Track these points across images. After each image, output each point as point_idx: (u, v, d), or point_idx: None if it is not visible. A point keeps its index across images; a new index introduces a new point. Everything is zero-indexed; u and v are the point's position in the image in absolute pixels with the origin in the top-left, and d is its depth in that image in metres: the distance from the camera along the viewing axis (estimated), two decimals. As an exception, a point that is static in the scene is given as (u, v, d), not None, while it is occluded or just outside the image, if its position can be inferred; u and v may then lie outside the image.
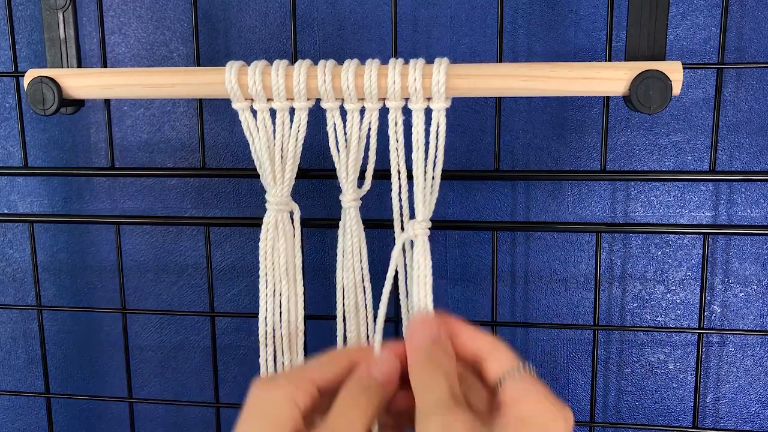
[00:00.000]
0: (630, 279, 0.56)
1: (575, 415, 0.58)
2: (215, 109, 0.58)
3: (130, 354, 0.55)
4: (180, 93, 0.42)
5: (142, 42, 0.58)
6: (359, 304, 0.42)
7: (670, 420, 0.58)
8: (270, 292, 0.42)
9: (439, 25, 0.54)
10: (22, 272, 0.63)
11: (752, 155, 0.53)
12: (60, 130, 0.60)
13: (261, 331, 0.42)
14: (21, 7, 0.58)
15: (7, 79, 0.60)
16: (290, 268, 0.42)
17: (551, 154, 0.55)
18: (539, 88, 0.39)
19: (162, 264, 0.61)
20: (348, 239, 0.41)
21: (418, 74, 0.37)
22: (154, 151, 0.59)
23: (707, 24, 0.52)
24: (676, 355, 0.57)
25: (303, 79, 0.38)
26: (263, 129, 0.40)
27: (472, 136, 0.55)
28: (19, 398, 0.65)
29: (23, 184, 0.61)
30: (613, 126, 0.54)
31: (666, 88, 0.39)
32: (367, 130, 0.40)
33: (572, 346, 0.58)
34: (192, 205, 0.60)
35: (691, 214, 0.54)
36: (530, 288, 0.57)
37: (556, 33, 0.53)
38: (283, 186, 0.41)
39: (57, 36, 0.46)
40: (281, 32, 0.56)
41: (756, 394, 0.57)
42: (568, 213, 0.56)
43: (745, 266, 0.55)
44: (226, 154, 0.58)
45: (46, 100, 0.43)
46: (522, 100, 0.54)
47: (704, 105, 0.53)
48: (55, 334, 0.64)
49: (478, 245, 0.57)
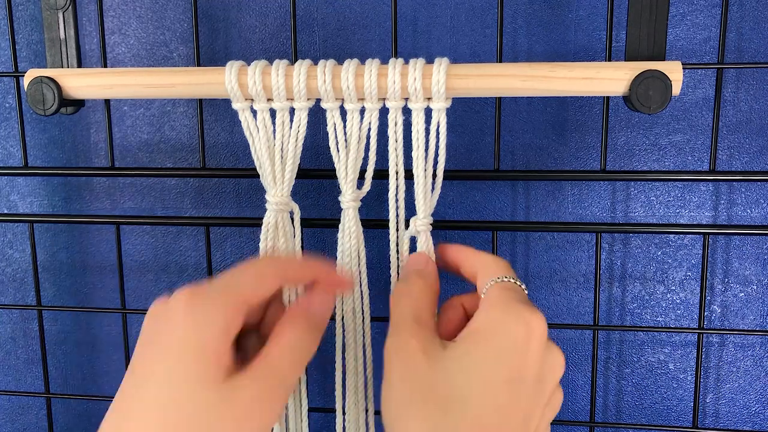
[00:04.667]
0: (630, 279, 0.56)
1: (575, 416, 0.58)
2: (215, 109, 0.58)
3: (130, 354, 0.55)
4: (180, 93, 0.42)
5: (142, 42, 0.58)
6: (356, 304, 0.42)
7: (670, 420, 0.58)
8: (270, 292, 0.42)
9: (439, 25, 0.54)
10: (22, 272, 0.63)
11: (752, 155, 0.53)
12: (60, 130, 0.60)
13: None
14: (21, 7, 0.58)
15: (7, 79, 0.60)
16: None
17: (551, 154, 0.55)
18: (539, 88, 0.39)
19: (162, 264, 0.61)
20: (347, 240, 0.41)
21: (418, 74, 0.37)
22: (154, 151, 0.59)
23: (707, 24, 0.52)
24: (676, 355, 0.57)
25: (303, 79, 0.38)
26: (263, 129, 0.40)
27: (472, 136, 0.55)
28: (19, 398, 0.65)
29: (23, 184, 0.61)
30: (613, 126, 0.54)
31: (666, 88, 0.39)
32: (367, 130, 0.40)
33: (572, 346, 0.58)
34: (192, 205, 0.60)
35: (691, 214, 0.54)
36: (530, 288, 0.57)
37: (556, 33, 0.53)
38: (283, 186, 0.41)
39: (57, 36, 0.46)
40: (281, 32, 0.56)
41: (756, 394, 0.57)
42: (568, 213, 0.56)
43: (745, 266, 0.55)
44: (226, 154, 0.58)
45: (46, 100, 0.43)
46: (522, 100, 0.54)
47: (704, 105, 0.53)
48: (55, 334, 0.64)
49: (478, 245, 0.57)
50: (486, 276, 0.34)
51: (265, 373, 0.30)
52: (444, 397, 0.29)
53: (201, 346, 0.29)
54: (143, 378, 0.29)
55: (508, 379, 0.30)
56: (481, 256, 0.37)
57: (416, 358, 0.31)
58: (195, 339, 0.29)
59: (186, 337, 0.29)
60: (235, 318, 0.30)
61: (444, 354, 0.31)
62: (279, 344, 0.32)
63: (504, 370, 0.30)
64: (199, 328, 0.29)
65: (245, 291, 0.31)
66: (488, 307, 0.32)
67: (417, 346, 0.31)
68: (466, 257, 0.37)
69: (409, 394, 0.30)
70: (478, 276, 0.35)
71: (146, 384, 0.29)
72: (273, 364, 0.31)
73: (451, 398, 0.29)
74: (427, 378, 0.30)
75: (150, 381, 0.29)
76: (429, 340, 0.31)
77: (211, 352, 0.29)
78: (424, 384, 0.30)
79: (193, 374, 0.28)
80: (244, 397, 0.29)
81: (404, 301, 0.34)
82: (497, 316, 0.31)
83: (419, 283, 0.35)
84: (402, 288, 0.35)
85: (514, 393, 0.30)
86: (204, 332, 0.29)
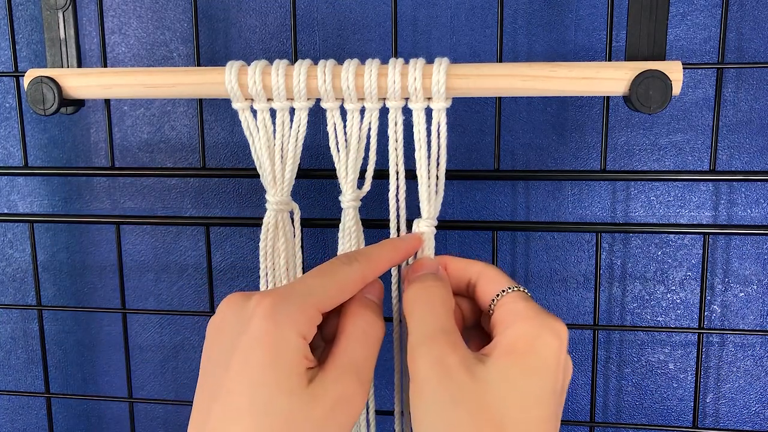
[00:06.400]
0: (630, 279, 0.56)
1: (575, 416, 0.58)
2: (215, 109, 0.58)
3: (130, 354, 0.55)
4: (180, 93, 0.42)
5: (142, 42, 0.58)
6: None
7: (670, 420, 0.58)
8: (270, 292, 0.42)
9: (439, 25, 0.54)
10: (22, 272, 0.63)
11: (752, 155, 0.53)
12: (60, 130, 0.60)
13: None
14: (21, 7, 0.58)
15: (7, 79, 0.60)
16: (290, 268, 0.42)
17: (551, 154, 0.55)
18: (539, 88, 0.39)
19: (162, 264, 0.61)
20: (347, 240, 0.41)
21: (418, 74, 0.37)
22: (154, 151, 0.59)
23: (707, 24, 0.52)
24: (676, 355, 0.57)
25: (303, 78, 0.38)
26: (263, 129, 0.40)
27: (472, 136, 0.55)
28: (19, 398, 0.65)
29: (23, 184, 0.61)
30: (613, 126, 0.54)
31: (666, 88, 0.39)
32: (367, 130, 0.40)
33: (572, 346, 0.58)
34: (192, 205, 0.60)
35: (691, 214, 0.54)
36: (530, 288, 0.57)
37: (556, 33, 0.53)
38: (283, 186, 0.41)
39: (57, 36, 0.46)
40: (281, 32, 0.56)
41: (756, 394, 0.57)
42: (568, 213, 0.56)
43: (745, 266, 0.55)
44: (226, 154, 0.58)
45: (46, 100, 0.43)
46: (522, 100, 0.54)
47: (704, 105, 0.53)
48: (55, 334, 0.64)
49: (478, 245, 0.57)
50: (489, 287, 0.34)
51: (344, 370, 0.30)
52: (497, 417, 0.29)
53: (285, 354, 0.29)
54: (226, 389, 0.29)
55: (551, 392, 0.30)
56: (474, 265, 0.36)
57: (460, 375, 0.30)
58: (279, 348, 0.29)
59: (270, 345, 0.29)
60: (314, 325, 0.31)
61: (486, 370, 0.30)
62: (350, 337, 0.32)
63: (547, 384, 0.30)
64: (283, 337, 0.29)
65: (326, 300, 0.31)
66: (515, 320, 0.32)
67: (458, 362, 0.30)
68: (457, 268, 0.36)
69: (458, 414, 0.29)
70: (477, 286, 0.35)
71: (229, 394, 0.29)
72: (348, 359, 0.31)
73: (503, 417, 0.29)
74: (477, 397, 0.29)
75: (233, 391, 0.29)
76: (467, 355, 0.30)
77: (295, 361, 0.29)
78: (473, 404, 0.29)
79: (278, 383, 0.29)
80: (327, 399, 0.29)
81: (427, 308, 0.33)
82: (530, 329, 0.31)
83: (439, 288, 0.34)
84: (421, 293, 0.34)
85: (554, 405, 0.30)
86: (288, 340, 0.29)
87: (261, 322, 0.29)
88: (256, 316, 0.29)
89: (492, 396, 0.29)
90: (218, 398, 0.29)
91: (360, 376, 0.31)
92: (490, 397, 0.29)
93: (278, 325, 0.29)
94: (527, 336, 0.31)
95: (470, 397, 0.29)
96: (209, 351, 0.31)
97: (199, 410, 0.30)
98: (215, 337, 0.31)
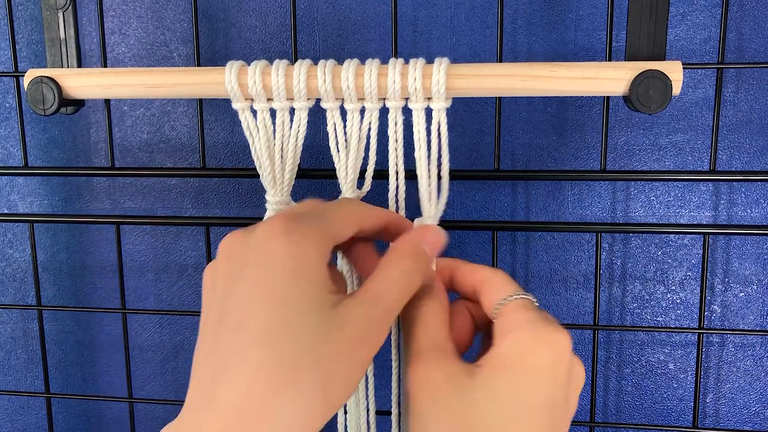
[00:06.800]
0: (630, 279, 0.56)
1: (575, 416, 0.58)
2: (215, 109, 0.58)
3: (130, 354, 0.55)
4: (180, 93, 0.42)
5: (142, 42, 0.58)
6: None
7: (670, 420, 0.58)
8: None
9: (439, 25, 0.54)
10: (22, 272, 0.63)
11: (752, 155, 0.53)
12: (60, 130, 0.60)
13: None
14: (21, 7, 0.58)
15: (7, 79, 0.60)
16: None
17: (551, 154, 0.55)
18: (539, 88, 0.39)
19: (162, 264, 0.61)
20: (348, 239, 0.41)
21: (418, 74, 0.37)
22: (154, 151, 0.59)
23: (707, 24, 0.52)
24: (676, 355, 0.57)
25: (303, 78, 0.38)
26: (263, 129, 0.40)
27: (472, 136, 0.55)
28: (18, 398, 0.65)
29: (23, 184, 0.61)
30: (613, 126, 0.54)
31: (666, 88, 0.39)
32: (367, 130, 0.40)
33: (572, 346, 0.58)
34: (192, 205, 0.60)
35: (691, 214, 0.54)
36: (530, 288, 0.57)
37: (556, 33, 0.53)
38: (283, 186, 0.41)
39: (57, 36, 0.46)
40: (281, 32, 0.56)
41: (756, 394, 0.57)
42: (568, 213, 0.56)
43: (745, 266, 0.55)
44: (226, 154, 0.58)
45: (46, 100, 0.43)
46: (522, 100, 0.54)
47: (704, 105, 0.53)
48: (55, 334, 0.64)
49: (478, 245, 0.57)
50: (493, 293, 0.34)
51: (373, 302, 0.29)
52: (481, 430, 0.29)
53: (308, 269, 0.27)
54: (236, 312, 0.26)
55: (545, 405, 0.30)
56: (480, 270, 0.35)
57: (445, 393, 0.29)
58: (301, 262, 0.27)
59: (290, 258, 0.26)
60: (328, 250, 0.29)
61: (474, 386, 0.30)
62: (386, 277, 0.30)
63: (538, 397, 0.30)
64: (303, 252, 0.27)
65: (332, 230, 0.30)
66: (511, 330, 0.31)
67: (444, 378, 0.30)
68: (463, 273, 0.36)
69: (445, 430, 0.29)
70: (482, 292, 0.34)
71: (240, 317, 0.26)
72: (378, 295, 0.29)
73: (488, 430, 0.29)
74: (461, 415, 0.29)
75: (245, 312, 0.26)
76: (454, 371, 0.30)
77: (318, 278, 0.27)
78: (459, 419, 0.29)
79: (302, 301, 0.26)
80: (356, 324, 0.27)
81: (420, 326, 0.32)
82: (524, 341, 0.30)
83: (432, 306, 0.33)
84: (414, 313, 0.33)
85: (547, 417, 0.30)
86: (310, 255, 0.27)
87: (276, 241, 0.27)
88: (270, 237, 0.27)
89: (477, 413, 0.29)
90: (225, 323, 0.26)
91: (385, 313, 0.29)
92: (475, 414, 0.29)
93: (297, 242, 0.27)
94: (520, 348, 0.30)
95: (455, 415, 0.29)
96: (212, 287, 0.28)
97: (204, 342, 0.27)
98: (222, 271, 0.28)
